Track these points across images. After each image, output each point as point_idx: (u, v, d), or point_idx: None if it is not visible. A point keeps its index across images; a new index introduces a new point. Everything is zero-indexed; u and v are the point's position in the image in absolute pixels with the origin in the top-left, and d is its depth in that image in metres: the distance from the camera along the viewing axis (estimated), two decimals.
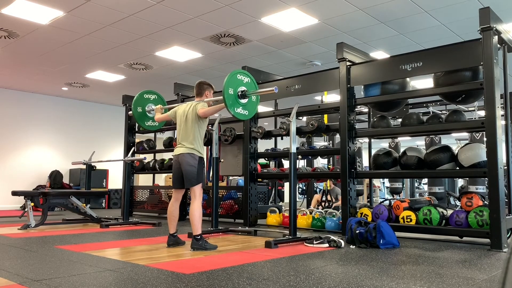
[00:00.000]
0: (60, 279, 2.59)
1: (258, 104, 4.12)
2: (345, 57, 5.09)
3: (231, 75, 3.83)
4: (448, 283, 2.53)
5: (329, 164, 8.77)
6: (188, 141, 3.99)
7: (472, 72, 4.34)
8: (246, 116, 3.97)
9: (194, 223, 3.84)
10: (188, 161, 3.93)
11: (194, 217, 3.85)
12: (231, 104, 3.77)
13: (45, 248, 3.86)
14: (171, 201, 4.12)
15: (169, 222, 4.06)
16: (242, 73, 3.94)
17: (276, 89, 3.76)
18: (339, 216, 5.24)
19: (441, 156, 4.63)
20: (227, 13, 5.76)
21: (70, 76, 9.24)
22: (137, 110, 4.83)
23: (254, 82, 4.03)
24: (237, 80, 3.85)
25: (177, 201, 4.11)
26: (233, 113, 3.78)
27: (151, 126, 4.98)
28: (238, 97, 3.83)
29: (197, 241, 3.80)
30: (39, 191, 6.06)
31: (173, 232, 4.03)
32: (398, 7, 5.56)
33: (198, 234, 3.83)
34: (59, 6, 5.60)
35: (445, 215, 4.48)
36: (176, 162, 4.03)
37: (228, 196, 6.70)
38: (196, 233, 3.83)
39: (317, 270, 2.93)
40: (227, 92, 3.73)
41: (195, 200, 3.92)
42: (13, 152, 10.46)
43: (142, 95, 4.89)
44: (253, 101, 4.03)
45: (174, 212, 4.07)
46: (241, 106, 3.85)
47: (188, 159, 3.93)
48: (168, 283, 2.50)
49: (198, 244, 3.79)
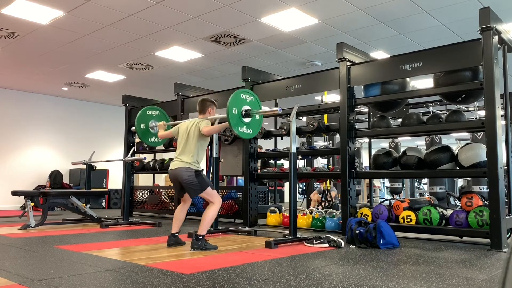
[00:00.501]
0: (60, 279, 2.59)
1: (262, 122, 4.15)
2: (345, 57, 5.09)
3: (235, 95, 3.86)
4: (448, 283, 2.53)
5: (329, 164, 8.77)
6: (187, 156, 3.95)
7: (472, 72, 4.34)
8: (250, 135, 4.02)
9: (203, 222, 3.86)
10: (184, 174, 3.88)
11: (205, 217, 3.87)
12: (235, 124, 3.82)
13: (45, 248, 3.86)
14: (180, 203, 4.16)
15: (173, 222, 4.08)
16: (246, 92, 3.99)
17: (280, 109, 3.85)
18: (339, 216, 5.24)
19: (441, 156, 4.63)
20: (227, 13, 5.76)
21: (70, 76, 9.24)
22: (140, 127, 4.88)
23: (257, 100, 4.07)
24: (241, 100, 3.89)
25: (185, 203, 4.15)
26: (237, 132, 3.83)
27: (154, 142, 5.02)
28: (242, 116, 3.88)
29: (197, 241, 3.81)
30: (39, 191, 6.06)
31: (175, 232, 4.04)
32: (398, 7, 5.56)
33: (201, 234, 3.83)
34: (59, 6, 5.60)
35: (445, 215, 4.48)
36: (173, 175, 3.99)
37: (228, 196, 6.70)
38: (199, 233, 3.83)
39: (317, 270, 2.93)
40: (231, 112, 3.78)
41: (214, 205, 3.94)
42: (13, 152, 10.46)
43: (145, 111, 4.93)
44: (257, 120, 4.07)
45: (179, 214, 4.11)
46: (245, 125, 3.90)
47: (184, 173, 3.89)
48: (168, 283, 2.50)
49: (198, 244, 3.79)
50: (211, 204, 3.95)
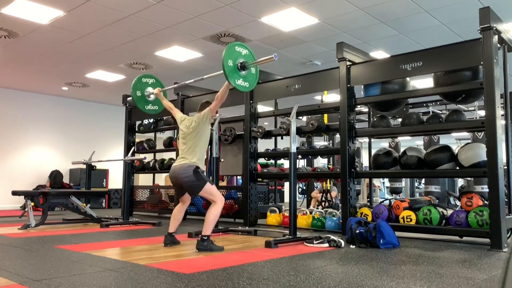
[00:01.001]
0: (60, 279, 2.59)
1: (258, 76, 4.03)
2: (345, 56, 5.09)
3: (229, 47, 3.73)
4: (448, 283, 2.53)
5: (329, 164, 8.77)
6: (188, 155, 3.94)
7: (472, 72, 4.34)
8: (247, 88, 3.87)
9: (207, 223, 3.79)
10: (182, 173, 3.86)
11: (208, 217, 3.82)
12: (232, 75, 3.68)
13: (45, 248, 3.86)
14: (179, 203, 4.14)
15: (171, 221, 4.07)
16: (240, 45, 3.85)
17: (276, 56, 3.67)
18: (339, 216, 5.24)
19: (441, 156, 4.62)
20: (227, 13, 5.75)
21: (70, 76, 9.24)
22: (136, 94, 4.73)
23: (252, 53, 3.94)
24: (235, 52, 3.77)
25: (183, 203, 4.12)
26: (234, 84, 3.69)
27: (150, 110, 4.87)
28: (238, 68, 3.74)
29: (203, 242, 3.74)
30: (39, 191, 6.06)
31: (172, 232, 4.03)
32: (398, 7, 5.56)
33: (206, 235, 3.77)
34: (59, 6, 5.60)
35: (445, 215, 4.48)
36: (173, 177, 3.98)
37: (228, 196, 6.71)
38: (204, 234, 3.77)
39: (317, 270, 2.93)
40: (226, 64, 3.64)
41: (216, 204, 3.87)
42: (13, 152, 10.46)
43: (140, 79, 4.79)
44: (253, 73, 3.94)
45: (177, 214, 4.09)
46: (241, 78, 3.77)
47: (183, 173, 3.86)
48: (168, 283, 2.50)
49: (204, 245, 3.73)
50: (213, 204, 3.89)
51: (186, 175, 3.84)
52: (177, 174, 3.92)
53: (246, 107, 6.20)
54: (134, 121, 8.43)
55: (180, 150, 4.09)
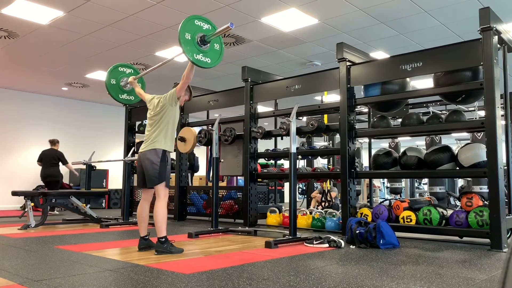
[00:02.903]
0: (60, 279, 2.59)
1: (222, 54, 3.76)
2: (345, 57, 5.09)
3: (188, 20, 3.49)
4: (448, 283, 2.53)
5: (329, 164, 8.77)
6: (154, 136, 3.77)
7: (472, 72, 4.34)
8: (209, 64, 3.58)
9: (157, 225, 3.63)
10: (149, 157, 3.70)
11: (157, 218, 3.63)
12: (189, 49, 3.43)
13: (45, 248, 3.86)
14: (140, 202, 3.88)
15: (138, 224, 3.83)
16: (202, 19, 3.59)
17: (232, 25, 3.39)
18: (339, 216, 5.24)
19: (441, 156, 4.62)
20: (227, 13, 5.76)
21: (70, 76, 9.24)
22: (110, 82, 4.57)
23: (215, 29, 3.62)
24: (195, 26, 3.53)
25: (146, 201, 3.87)
26: (192, 59, 3.44)
27: (125, 100, 4.70)
28: (198, 43, 3.48)
29: (162, 244, 3.60)
30: (39, 191, 6.07)
31: (144, 235, 3.79)
32: (398, 7, 5.56)
33: (162, 236, 3.62)
34: (59, 6, 5.60)
35: (445, 215, 4.48)
36: (139, 160, 3.82)
37: (228, 196, 6.70)
38: (160, 235, 3.62)
39: (317, 270, 2.93)
40: (183, 37, 3.40)
41: (159, 200, 3.70)
42: (13, 152, 10.46)
43: (117, 67, 4.65)
44: (216, 49, 3.66)
45: (142, 213, 3.82)
46: (201, 53, 3.53)
47: (149, 155, 3.71)
48: (168, 283, 2.50)
49: (163, 247, 3.59)
50: (157, 200, 3.71)
51: (152, 161, 3.68)
52: (142, 156, 3.75)
53: (246, 107, 6.20)
54: (134, 121, 8.42)
55: (146, 132, 3.89)
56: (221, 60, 3.77)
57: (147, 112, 4.01)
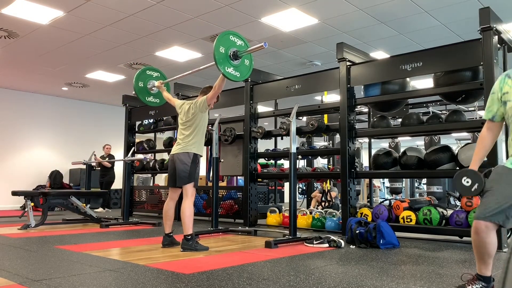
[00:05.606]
0: (60, 279, 2.59)
1: (251, 69, 3.92)
2: (345, 57, 5.09)
3: (223, 35, 3.66)
4: (448, 283, 2.53)
5: (329, 164, 8.77)
6: (187, 140, 3.99)
7: (472, 72, 4.34)
8: (238, 78, 3.75)
9: (184, 222, 3.80)
10: (182, 159, 3.92)
11: (184, 216, 3.81)
12: (221, 62, 3.58)
13: (45, 248, 3.86)
14: (166, 200, 4.09)
15: (164, 222, 4.03)
16: (236, 35, 3.75)
17: (265, 44, 3.58)
18: (339, 216, 5.24)
19: (441, 156, 4.62)
20: (227, 13, 5.76)
21: (70, 76, 9.24)
22: (138, 85, 4.73)
23: (247, 45, 3.83)
24: (229, 41, 3.69)
25: (172, 200, 4.07)
26: (223, 71, 3.58)
27: (151, 102, 4.86)
28: (230, 57, 3.65)
29: (187, 241, 3.76)
30: (39, 191, 6.06)
31: (168, 232, 3.99)
32: (398, 7, 5.56)
33: (189, 234, 3.78)
34: (59, 6, 5.60)
35: (445, 215, 4.48)
36: (171, 160, 4.03)
37: (228, 196, 6.70)
38: (186, 233, 3.78)
39: (317, 270, 2.93)
40: (217, 50, 3.54)
41: (187, 199, 3.89)
42: (13, 152, 10.46)
43: (144, 71, 4.80)
44: (246, 65, 3.84)
45: (168, 211, 4.02)
46: (232, 67, 3.69)
47: (182, 157, 3.93)
48: (168, 283, 2.50)
49: (188, 244, 3.74)
50: (184, 199, 3.90)
51: (184, 162, 3.90)
52: (175, 157, 3.96)
53: (246, 107, 6.20)
54: (134, 121, 8.43)
55: (179, 135, 4.10)
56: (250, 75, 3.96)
57: (178, 117, 4.25)
